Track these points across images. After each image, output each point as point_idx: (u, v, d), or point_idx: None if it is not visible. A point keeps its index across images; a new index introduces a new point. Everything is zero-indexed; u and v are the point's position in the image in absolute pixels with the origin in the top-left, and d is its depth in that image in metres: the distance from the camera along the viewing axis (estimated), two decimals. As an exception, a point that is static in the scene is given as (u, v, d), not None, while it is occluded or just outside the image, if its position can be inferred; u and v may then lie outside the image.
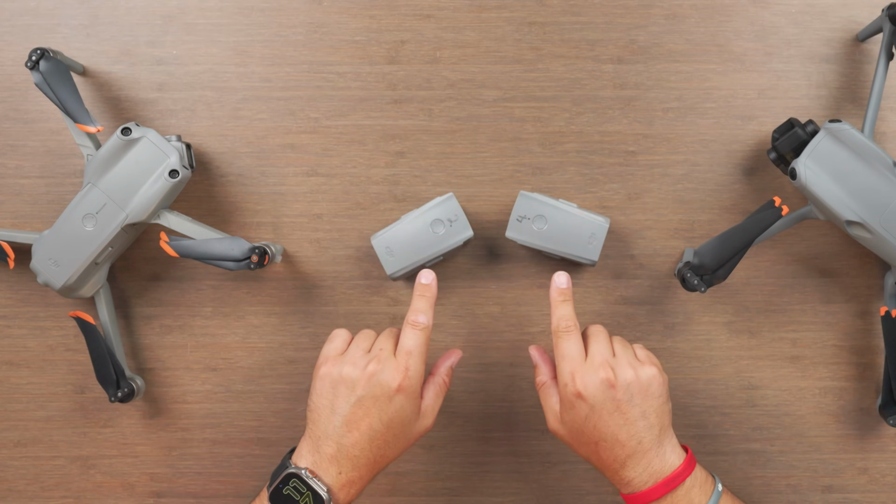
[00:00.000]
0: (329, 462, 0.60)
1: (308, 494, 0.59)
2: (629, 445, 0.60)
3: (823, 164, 0.65)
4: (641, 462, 0.60)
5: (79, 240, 0.68)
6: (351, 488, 0.60)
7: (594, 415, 0.60)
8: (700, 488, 0.61)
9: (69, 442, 0.75)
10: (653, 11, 0.73)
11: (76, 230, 0.68)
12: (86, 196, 0.67)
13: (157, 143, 0.67)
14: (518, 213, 0.69)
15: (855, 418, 0.74)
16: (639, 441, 0.60)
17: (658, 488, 0.60)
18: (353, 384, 0.60)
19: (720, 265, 0.66)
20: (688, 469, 0.61)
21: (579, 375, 0.61)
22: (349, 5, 0.73)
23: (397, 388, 0.60)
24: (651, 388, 0.61)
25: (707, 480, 0.61)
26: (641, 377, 0.61)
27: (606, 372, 0.60)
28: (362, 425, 0.60)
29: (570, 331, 0.63)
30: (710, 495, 0.61)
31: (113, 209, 0.67)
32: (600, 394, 0.60)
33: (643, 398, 0.61)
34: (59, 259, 0.68)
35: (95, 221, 0.67)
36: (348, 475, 0.60)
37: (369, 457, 0.60)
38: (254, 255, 0.66)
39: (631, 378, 0.61)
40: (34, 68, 0.66)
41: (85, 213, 0.67)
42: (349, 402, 0.60)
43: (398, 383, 0.60)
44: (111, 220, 0.67)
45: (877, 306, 0.73)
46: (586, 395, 0.60)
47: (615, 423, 0.60)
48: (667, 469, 0.60)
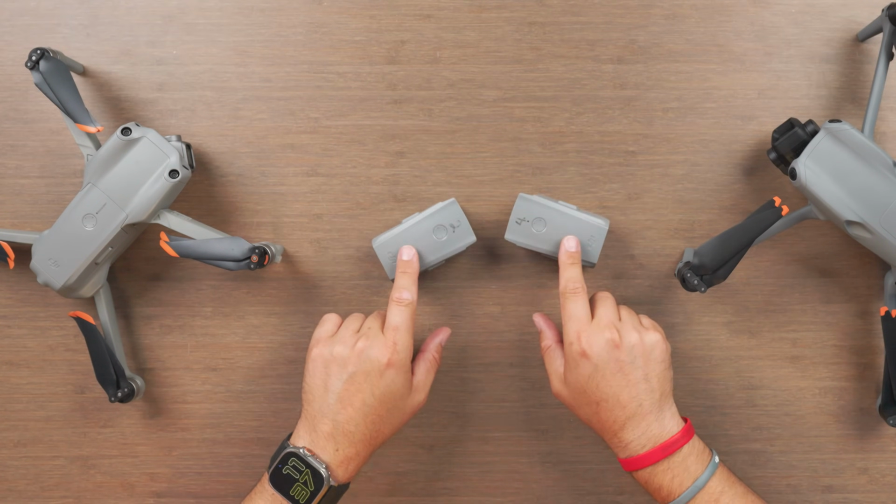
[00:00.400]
0: (326, 439, 0.61)
1: (307, 472, 0.60)
2: (630, 407, 0.62)
3: (823, 164, 0.65)
4: (641, 425, 0.62)
5: (79, 240, 0.68)
6: (349, 465, 0.62)
7: (597, 374, 0.62)
8: (697, 457, 0.62)
9: (69, 442, 0.75)
10: (653, 11, 0.73)
11: (76, 230, 0.68)
12: (86, 196, 0.67)
13: (157, 143, 0.67)
14: (517, 216, 0.69)
15: (855, 418, 0.74)
16: (639, 403, 0.62)
17: (655, 452, 0.61)
18: (345, 362, 0.62)
19: (720, 265, 0.66)
20: (686, 437, 0.62)
21: (585, 335, 0.62)
22: (349, 5, 0.73)
23: (387, 363, 0.61)
24: (654, 353, 0.63)
25: (704, 451, 0.63)
26: (645, 341, 0.63)
27: (612, 333, 0.62)
28: (356, 401, 0.61)
29: (578, 292, 0.64)
30: (706, 465, 0.62)
31: (113, 209, 0.67)
32: (605, 353, 0.62)
33: (646, 361, 0.62)
34: (60, 259, 0.68)
35: (95, 221, 0.67)
36: (345, 451, 0.61)
37: (365, 432, 0.62)
38: (254, 255, 0.66)
39: (635, 341, 0.62)
40: (34, 68, 0.66)
41: (85, 213, 0.67)
42: (341, 379, 0.62)
43: (387, 358, 0.62)
44: (111, 220, 0.67)
45: (877, 306, 0.73)
46: (591, 353, 0.62)
47: (617, 383, 0.62)
48: (665, 434, 0.62)
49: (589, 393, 0.63)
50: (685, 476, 0.61)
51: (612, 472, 0.75)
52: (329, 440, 0.61)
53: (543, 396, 0.74)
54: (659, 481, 0.62)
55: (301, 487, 0.60)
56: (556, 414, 0.74)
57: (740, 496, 0.62)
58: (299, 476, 0.60)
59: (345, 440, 0.61)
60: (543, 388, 0.74)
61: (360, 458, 0.63)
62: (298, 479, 0.60)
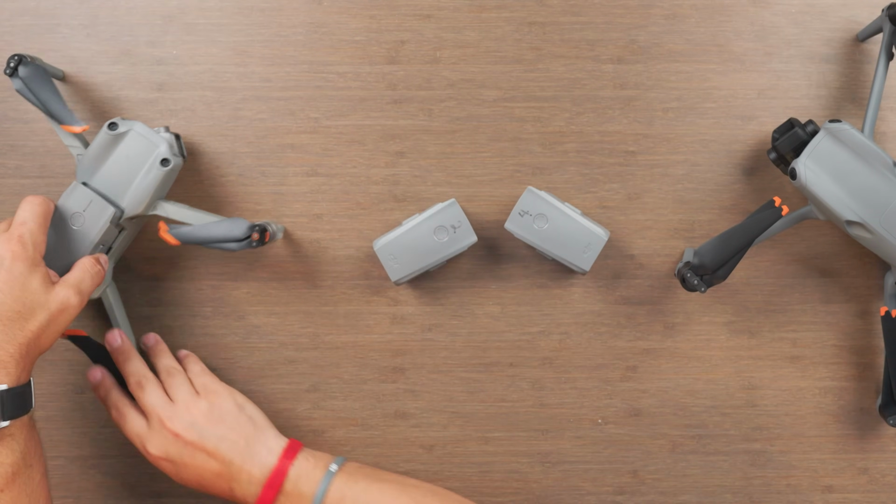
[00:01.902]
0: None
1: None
2: (225, 473, 0.63)
3: (823, 164, 0.65)
4: (244, 478, 0.62)
5: (68, 240, 0.67)
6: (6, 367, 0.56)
7: (184, 468, 0.63)
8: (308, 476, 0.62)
9: (69, 442, 0.75)
10: (653, 11, 0.73)
11: (65, 231, 0.66)
12: (70, 195, 0.67)
13: (145, 135, 0.67)
14: (521, 208, 0.69)
15: (855, 418, 0.74)
16: (229, 464, 0.63)
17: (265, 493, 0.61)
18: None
19: (720, 265, 0.66)
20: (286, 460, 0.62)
21: (148, 442, 0.64)
22: (349, 5, 0.73)
23: (12, 256, 0.58)
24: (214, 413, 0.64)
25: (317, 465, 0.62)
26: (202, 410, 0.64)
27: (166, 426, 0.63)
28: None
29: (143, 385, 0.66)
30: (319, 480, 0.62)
31: (100, 205, 0.66)
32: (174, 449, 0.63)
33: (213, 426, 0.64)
34: (52, 264, 0.67)
35: (83, 220, 0.67)
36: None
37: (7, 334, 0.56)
38: (254, 232, 0.66)
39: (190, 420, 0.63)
40: (13, 75, 0.66)
41: (73, 213, 0.67)
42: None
43: (12, 251, 0.59)
44: (99, 217, 0.67)
45: (877, 306, 0.74)
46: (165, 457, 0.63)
47: (202, 460, 0.63)
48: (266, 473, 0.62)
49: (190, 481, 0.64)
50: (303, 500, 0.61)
51: (612, 472, 0.75)
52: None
53: (543, 396, 0.74)
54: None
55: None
56: (556, 414, 0.75)
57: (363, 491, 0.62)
58: None
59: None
60: (544, 388, 0.74)
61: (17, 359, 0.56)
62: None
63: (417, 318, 0.74)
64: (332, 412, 0.74)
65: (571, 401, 0.74)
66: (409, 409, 0.75)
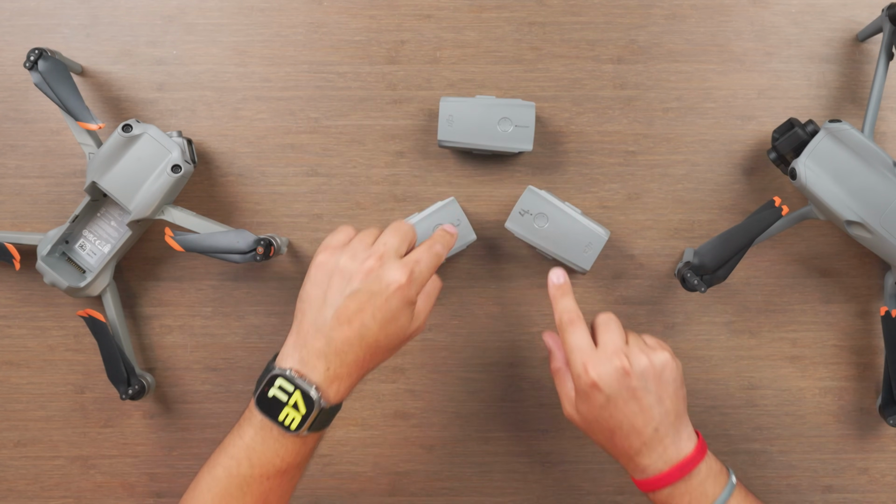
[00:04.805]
0: (317, 357, 0.57)
1: (297, 394, 0.56)
2: (645, 433, 0.59)
3: (823, 164, 0.65)
4: (657, 449, 0.60)
5: None
6: (340, 385, 0.57)
7: (610, 404, 0.59)
8: (715, 479, 0.60)
9: (69, 442, 0.75)
10: (653, 11, 0.73)
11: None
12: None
13: (159, 139, 0.67)
14: (522, 207, 0.69)
15: (855, 418, 0.74)
16: (655, 429, 0.59)
17: (672, 473, 0.59)
18: (350, 276, 0.57)
19: (720, 265, 0.66)
20: (700, 453, 0.60)
21: (592, 365, 0.59)
22: (349, 5, 0.73)
23: (397, 289, 0.57)
24: (665, 374, 0.60)
25: (721, 472, 0.61)
26: (655, 363, 0.60)
27: (621, 360, 0.59)
28: (354, 320, 0.57)
29: (575, 322, 0.62)
30: (723, 486, 0.60)
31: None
32: (615, 382, 0.59)
33: (658, 384, 0.60)
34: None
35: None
36: (336, 371, 0.57)
37: (358, 355, 0.57)
38: (259, 246, 0.66)
39: (645, 365, 0.60)
40: (33, 68, 0.66)
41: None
42: (343, 293, 0.57)
43: (398, 284, 0.57)
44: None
45: (877, 306, 0.73)
46: (601, 384, 0.59)
47: (631, 410, 0.59)
48: (681, 455, 0.60)
49: (602, 422, 0.60)
50: (702, 499, 0.59)
51: (612, 472, 0.75)
52: (320, 358, 0.57)
53: (543, 396, 0.74)
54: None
55: (291, 411, 0.56)
56: (557, 414, 0.74)
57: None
58: (288, 399, 0.56)
59: (336, 360, 0.57)
60: (543, 388, 0.74)
61: (351, 379, 0.58)
62: (287, 403, 0.56)
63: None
64: (332, 412, 0.74)
65: (571, 401, 0.74)
66: (409, 409, 0.75)
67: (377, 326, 0.57)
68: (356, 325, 0.57)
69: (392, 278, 0.57)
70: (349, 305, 0.57)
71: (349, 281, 0.57)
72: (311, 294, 0.58)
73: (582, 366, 0.60)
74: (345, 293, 0.57)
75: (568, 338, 0.61)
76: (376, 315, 0.57)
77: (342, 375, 0.57)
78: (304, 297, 0.59)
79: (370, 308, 0.57)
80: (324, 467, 0.75)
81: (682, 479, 0.59)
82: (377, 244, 0.59)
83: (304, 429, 0.56)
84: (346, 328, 0.57)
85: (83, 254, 0.71)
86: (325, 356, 0.57)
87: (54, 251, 0.70)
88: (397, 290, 0.57)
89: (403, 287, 0.57)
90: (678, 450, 0.60)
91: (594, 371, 0.59)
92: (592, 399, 0.60)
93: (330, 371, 0.57)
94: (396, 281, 0.57)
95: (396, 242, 0.59)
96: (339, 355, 0.57)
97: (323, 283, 0.58)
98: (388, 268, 0.57)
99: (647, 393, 0.59)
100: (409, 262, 0.58)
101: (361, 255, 0.58)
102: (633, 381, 0.59)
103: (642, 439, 0.60)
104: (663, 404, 0.60)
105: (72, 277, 0.70)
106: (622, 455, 0.61)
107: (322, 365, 0.57)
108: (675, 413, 0.60)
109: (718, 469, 0.61)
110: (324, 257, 0.59)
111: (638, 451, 0.60)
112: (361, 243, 0.59)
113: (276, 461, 0.57)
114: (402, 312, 0.58)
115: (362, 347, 0.57)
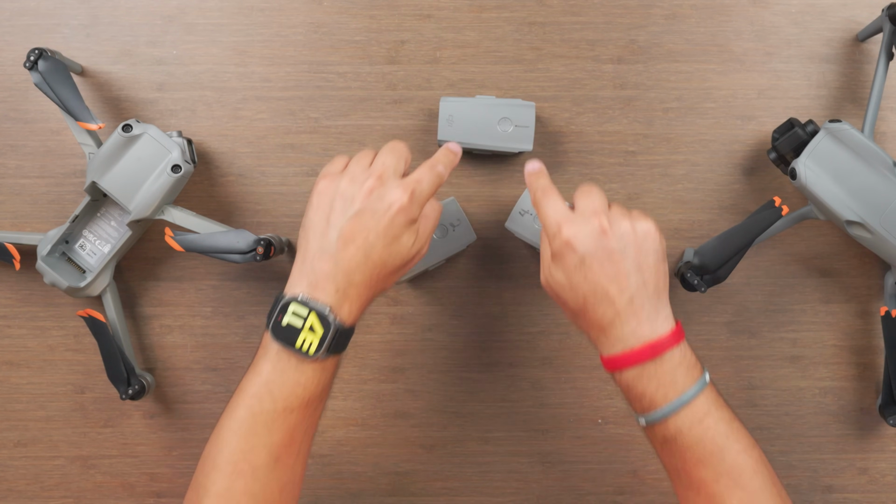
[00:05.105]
0: (325, 279, 0.56)
1: (312, 316, 0.56)
2: (619, 302, 0.56)
3: (823, 164, 0.65)
4: (630, 322, 0.56)
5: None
6: (351, 306, 0.57)
7: (584, 266, 0.56)
8: (687, 371, 0.56)
9: (69, 442, 0.75)
10: (653, 11, 0.73)
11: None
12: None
13: (159, 139, 0.67)
14: (521, 207, 0.69)
15: (855, 418, 0.74)
16: (630, 298, 0.56)
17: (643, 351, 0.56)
18: (352, 198, 0.57)
19: (720, 265, 0.66)
20: (676, 338, 0.57)
21: (567, 225, 0.57)
22: (349, 5, 0.73)
23: (399, 208, 0.57)
24: (647, 243, 0.57)
25: (695, 366, 0.57)
26: (637, 229, 0.57)
27: (600, 220, 0.57)
28: (358, 239, 0.56)
29: (549, 192, 0.60)
30: (695, 380, 0.56)
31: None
32: (591, 241, 0.56)
33: (637, 251, 0.57)
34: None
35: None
36: (346, 291, 0.57)
37: (365, 274, 0.57)
38: (259, 246, 0.66)
39: (626, 228, 0.57)
40: (33, 68, 0.66)
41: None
42: (346, 215, 0.57)
43: (401, 203, 0.57)
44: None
45: (877, 306, 0.73)
46: (575, 243, 0.56)
47: (605, 273, 0.56)
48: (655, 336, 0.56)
49: (576, 287, 0.57)
50: (671, 388, 0.56)
51: (611, 472, 0.75)
52: (329, 280, 0.56)
53: (543, 396, 0.74)
54: (642, 388, 0.56)
55: (307, 335, 0.55)
56: (556, 414, 0.74)
57: (725, 420, 0.56)
58: (303, 324, 0.55)
59: (345, 280, 0.56)
60: (544, 388, 0.74)
61: (361, 301, 0.58)
62: (303, 328, 0.55)
63: (417, 318, 0.74)
64: (332, 412, 0.74)
65: (571, 401, 0.74)
66: (409, 409, 0.75)
67: (381, 245, 0.57)
68: (361, 244, 0.57)
69: (394, 197, 0.57)
70: (353, 226, 0.57)
71: (351, 203, 0.57)
72: (313, 220, 0.58)
73: (556, 225, 0.57)
74: (348, 215, 0.57)
75: (542, 207, 0.59)
76: (380, 234, 0.57)
77: (352, 296, 0.57)
78: (306, 224, 0.59)
79: (374, 227, 0.57)
80: (324, 467, 0.75)
81: (652, 361, 0.56)
82: (375, 165, 0.59)
83: (323, 351, 0.56)
84: (351, 248, 0.57)
85: (83, 254, 0.71)
86: (334, 277, 0.56)
87: (54, 251, 0.70)
88: (399, 210, 0.57)
89: (405, 206, 0.57)
90: (652, 328, 0.56)
91: (569, 230, 0.57)
92: (566, 260, 0.57)
93: (340, 292, 0.57)
94: (398, 200, 0.57)
95: (394, 161, 0.59)
96: (347, 275, 0.57)
97: (325, 208, 0.58)
98: (389, 187, 0.57)
99: (624, 257, 0.56)
100: (410, 181, 0.58)
101: (361, 178, 0.58)
102: (610, 242, 0.56)
103: (615, 308, 0.56)
104: (641, 273, 0.57)
105: (72, 277, 0.70)
106: (594, 326, 0.58)
107: (331, 286, 0.56)
108: (654, 287, 0.57)
109: (693, 362, 0.57)
110: (324, 184, 0.59)
111: (610, 321, 0.57)
112: (359, 166, 0.59)
113: (298, 391, 0.56)
114: (405, 231, 0.58)
115: (368, 267, 0.57)
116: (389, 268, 0.58)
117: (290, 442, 0.57)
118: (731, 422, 0.57)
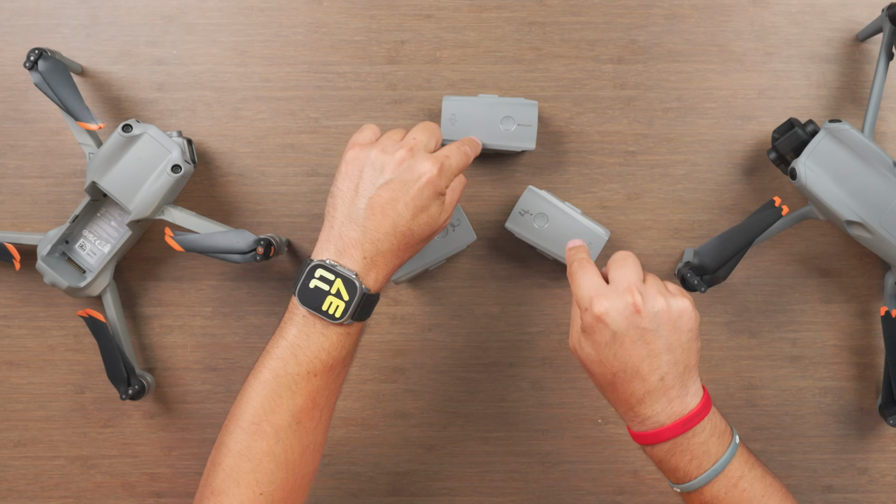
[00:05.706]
0: (353, 246, 0.58)
1: (339, 282, 0.57)
2: (650, 381, 0.56)
3: (823, 164, 0.65)
4: (661, 400, 0.56)
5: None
6: (378, 273, 0.58)
7: (615, 342, 0.56)
8: (718, 438, 0.57)
9: (69, 442, 0.75)
10: (653, 11, 0.73)
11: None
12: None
13: (159, 139, 0.67)
14: (522, 207, 0.69)
15: (855, 418, 0.74)
16: (661, 377, 0.56)
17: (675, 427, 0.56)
18: (382, 167, 0.58)
19: (720, 265, 0.66)
20: (705, 409, 0.57)
21: (599, 299, 0.57)
22: (349, 5, 0.73)
23: (428, 180, 0.58)
24: (681, 321, 0.57)
25: (725, 431, 0.58)
26: (672, 307, 0.57)
27: (633, 296, 0.56)
28: (388, 209, 0.58)
29: (584, 264, 0.60)
30: (726, 446, 0.57)
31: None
32: (624, 319, 0.56)
33: (671, 330, 0.56)
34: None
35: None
36: (372, 258, 0.58)
37: (392, 243, 0.58)
38: (259, 246, 0.66)
39: (661, 306, 0.56)
40: (33, 68, 0.66)
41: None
42: (375, 184, 0.58)
43: (430, 175, 0.58)
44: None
45: (877, 306, 0.73)
46: (608, 319, 0.56)
47: (638, 353, 0.56)
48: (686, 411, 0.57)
49: (605, 362, 0.57)
50: (704, 458, 0.56)
51: (611, 472, 0.75)
52: (356, 247, 0.57)
53: (543, 396, 0.74)
54: (675, 462, 0.57)
55: (333, 299, 0.56)
56: (556, 414, 0.75)
57: (759, 479, 0.57)
58: (330, 288, 0.56)
59: (372, 248, 0.57)
60: (544, 388, 0.74)
61: (388, 268, 0.59)
62: (330, 292, 0.56)
63: (417, 318, 0.74)
64: (332, 412, 0.74)
65: (571, 401, 0.74)
66: (409, 409, 0.75)
67: (409, 215, 0.58)
68: (390, 213, 0.57)
69: (424, 168, 0.58)
70: (382, 195, 0.57)
71: (381, 172, 0.58)
72: (342, 188, 0.59)
73: (588, 299, 0.57)
74: (377, 183, 0.58)
75: (577, 278, 0.59)
76: (409, 204, 0.58)
77: (378, 264, 0.58)
78: (335, 192, 0.59)
79: (403, 197, 0.57)
80: (324, 467, 0.75)
81: (684, 435, 0.56)
82: (407, 138, 0.60)
83: (348, 316, 0.57)
84: (379, 217, 0.57)
85: (83, 254, 0.71)
86: (361, 245, 0.58)
87: (54, 251, 0.70)
88: (429, 181, 0.58)
89: (434, 178, 0.58)
90: (683, 404, 0.56)
91: (601, 305, 0.56)
92: (597, 334, 0.57)
93: (367, 259, 0.58)
94: (428, 171, 0.58)
95: (425, 138, 0.60)
96: (374, 244, 0.58)
97: (354, 176, 0.59)
98: (419, 159, 0.58)
99: (657, 337, 0.56)
100: (440, 155, 0.59)
101: (392, 148, 0.59)
102: (643, 321, 0.56)
103: (646, 387, 0.56)
104: (673, 353, 0.56)
105: (72, 277, 0.70)
106: (622, 403, 0.58)
107: (359, 253, 0.57)
108: (684, 364, 0.57)
109: (723, 428, 0.58)
110: (354, 153, 0.59)
111: (640, 399, 0.57)
112: (390, 139, 0.60)
113: (323, 356, 0.57)
114: (433, 202, 0.59)
115: (395, 236, 0.58)
116: (417, 237, 0.59)
117: (312, 406, 0.58)
118: (765, 478, 0.58)
